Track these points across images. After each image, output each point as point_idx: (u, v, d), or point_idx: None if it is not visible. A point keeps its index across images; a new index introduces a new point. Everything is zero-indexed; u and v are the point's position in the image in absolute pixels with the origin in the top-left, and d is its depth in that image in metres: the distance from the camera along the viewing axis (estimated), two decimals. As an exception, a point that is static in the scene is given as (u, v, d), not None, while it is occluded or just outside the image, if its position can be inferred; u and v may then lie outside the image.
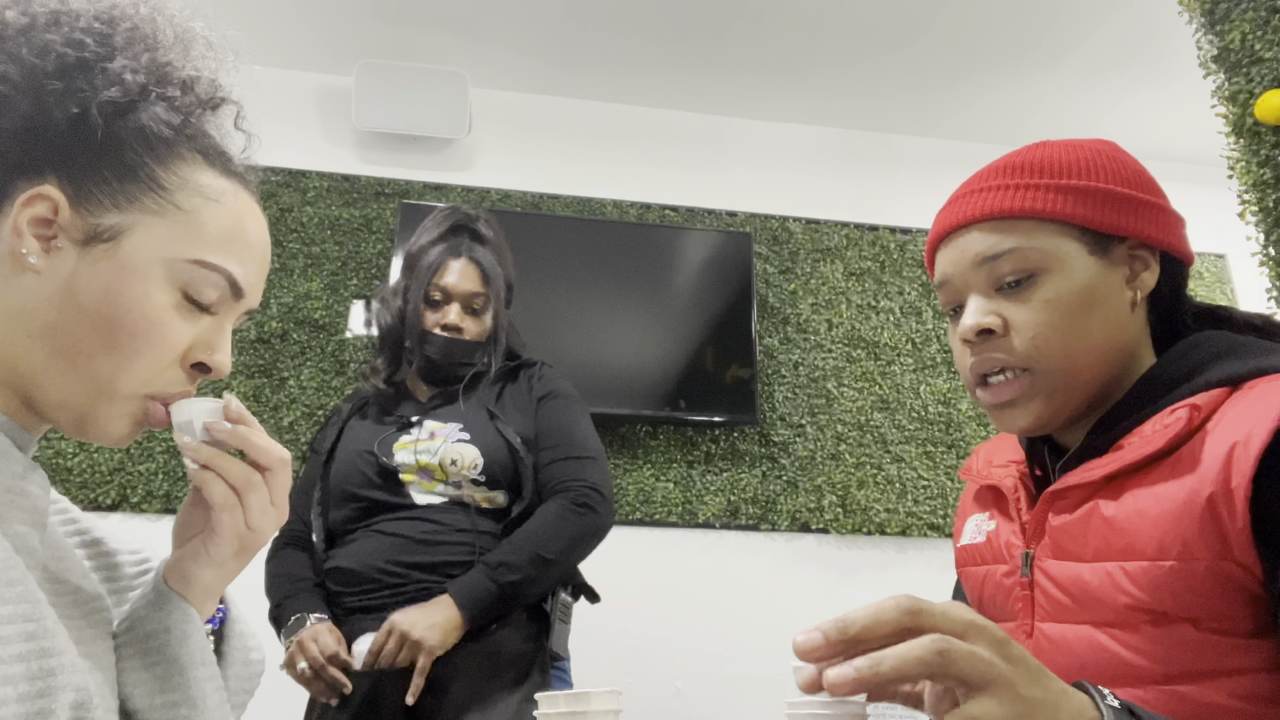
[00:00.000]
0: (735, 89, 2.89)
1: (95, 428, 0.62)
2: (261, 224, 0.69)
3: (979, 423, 2.74)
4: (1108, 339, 0.79)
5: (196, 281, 0.63)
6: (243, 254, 0.66)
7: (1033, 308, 0.78)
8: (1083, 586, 0.74)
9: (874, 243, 2.92)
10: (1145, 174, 0.83)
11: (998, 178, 0.83)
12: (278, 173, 2.64)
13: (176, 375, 0.64)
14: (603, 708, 0.87)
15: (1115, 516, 0.72)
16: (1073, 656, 0.74)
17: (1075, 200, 0.79)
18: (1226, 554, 0.65)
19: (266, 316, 2.48)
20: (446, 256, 1.54)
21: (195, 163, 0.65)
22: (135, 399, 0.62)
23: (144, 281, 0.61)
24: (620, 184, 2.84)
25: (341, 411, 1.58)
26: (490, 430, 1.46)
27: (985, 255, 0.81)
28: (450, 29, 2.63)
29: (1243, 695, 0.65)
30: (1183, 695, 0.67)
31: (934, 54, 2.72)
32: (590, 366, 2.49)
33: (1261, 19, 1.42)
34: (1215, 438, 0.68)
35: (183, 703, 0.63)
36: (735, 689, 2.31)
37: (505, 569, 1.34)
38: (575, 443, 1.48)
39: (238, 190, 0.67)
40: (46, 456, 2.24)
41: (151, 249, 0.61)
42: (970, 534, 0.92)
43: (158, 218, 0.62)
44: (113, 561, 0.71)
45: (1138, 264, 0.81)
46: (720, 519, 2.51)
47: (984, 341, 0.81)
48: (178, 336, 0.63)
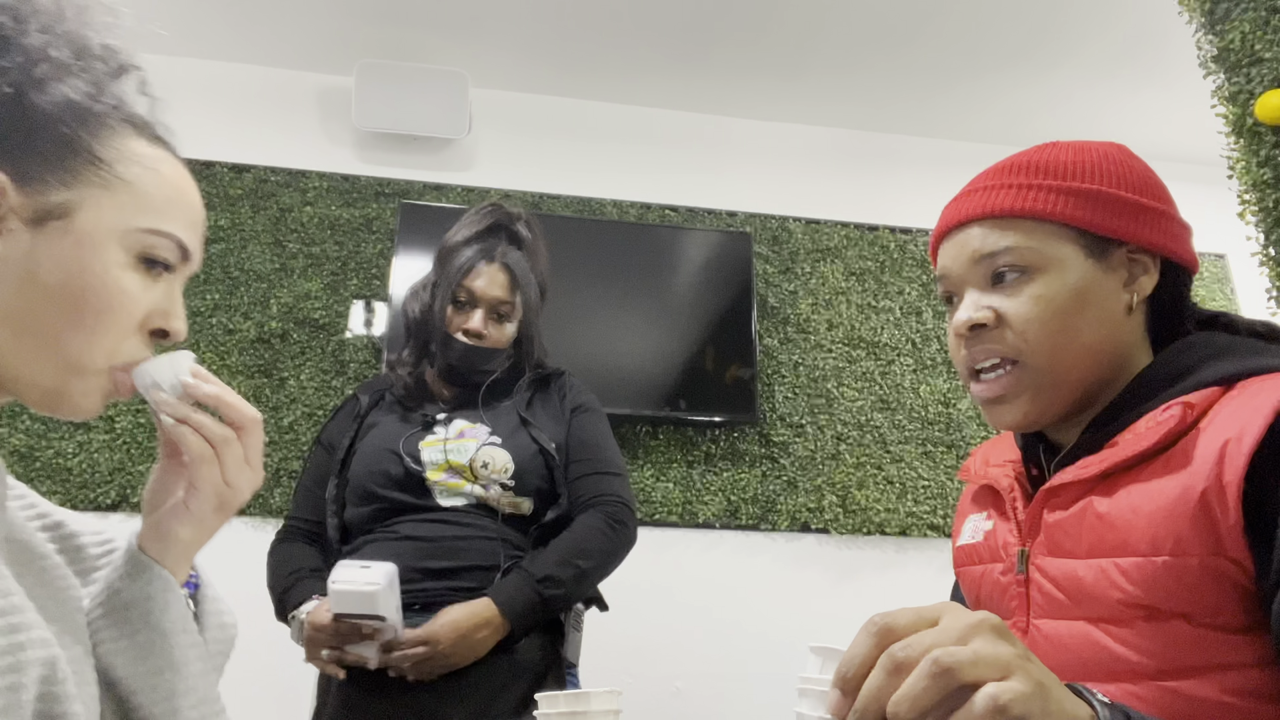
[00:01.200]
0: (735, 89, 2.89)
1: (68, 404, 0.63)
2: (193, 186, 0.70)
3: (979, 423, 2.74)
4: (1098, 340, 0.79)
5: (151, 249, 0.64)
6: (184, 218, 0.67)
7: (1023, 302, 0.80)
8: (1077, 583, 0.74)
9: (874, 243, 2.92)
10: (1153, 179, 0.84)
11: (1002, 177, 0.84)
12: (278, 173, 2.64)
13: (137, 344, 0.65)
14: (603, 708, 0.87)
15: (1109, 513, 0.73)
16: (1068, 652, 0.74)
17: (1075, 203, 0.80)
18: (1219, 549, 0.66)
19: (266, 316, 2.48)
20: (479, 259, 1.49)
21: (126, 133, 0.65)
22: (103, 373, 0.63)
23: (103, 254, 0.62)
24: (620, 184, 2.84)
25: (360, 404, 1.54)
26: (523, 436, 1.45)
27: (983, 252, 0.82)
28: (450, 29, 2.63)
29: (1235, 690, 0.66)
30: (1175, 690, 0.67)
31: (934, 54, 2.72)
32: (591, 366, 2.49)
33: (1261, 19, 1.42)
34: (1208, 435, 0.69)
35: (166, 668, 0.64)
36: (735, 689, 2.31)
37: (550, 583, 1.32)
38: (606, 459, 1.49)
39: (168, 156, 0.68)
40: (47, 457, 2.24)
41: (105, 221, 0.62)
42: (968, 534, 0.93)
43: (104, 190, 0.63)
44: (76, 544, 0.71)
45: (1136, 268, 0.81)
46: (720, 519, 2.51)
47: (977, 335, 0.83)
48: (138, 305, 0.64)
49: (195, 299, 2.46)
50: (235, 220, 2.56)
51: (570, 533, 1.39)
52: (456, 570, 1.34)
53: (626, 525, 1.44)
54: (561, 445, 1.48)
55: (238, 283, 2.50)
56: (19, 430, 2.25)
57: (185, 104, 2.78)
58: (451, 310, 1.49)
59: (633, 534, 1.45)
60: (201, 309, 2.45)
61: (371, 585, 1.18)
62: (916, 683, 0.44)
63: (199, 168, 2.58)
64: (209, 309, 2.46)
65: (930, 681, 0.44)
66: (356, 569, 1.21)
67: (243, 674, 1.65)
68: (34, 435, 2.26)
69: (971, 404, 2.75)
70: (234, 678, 0.80)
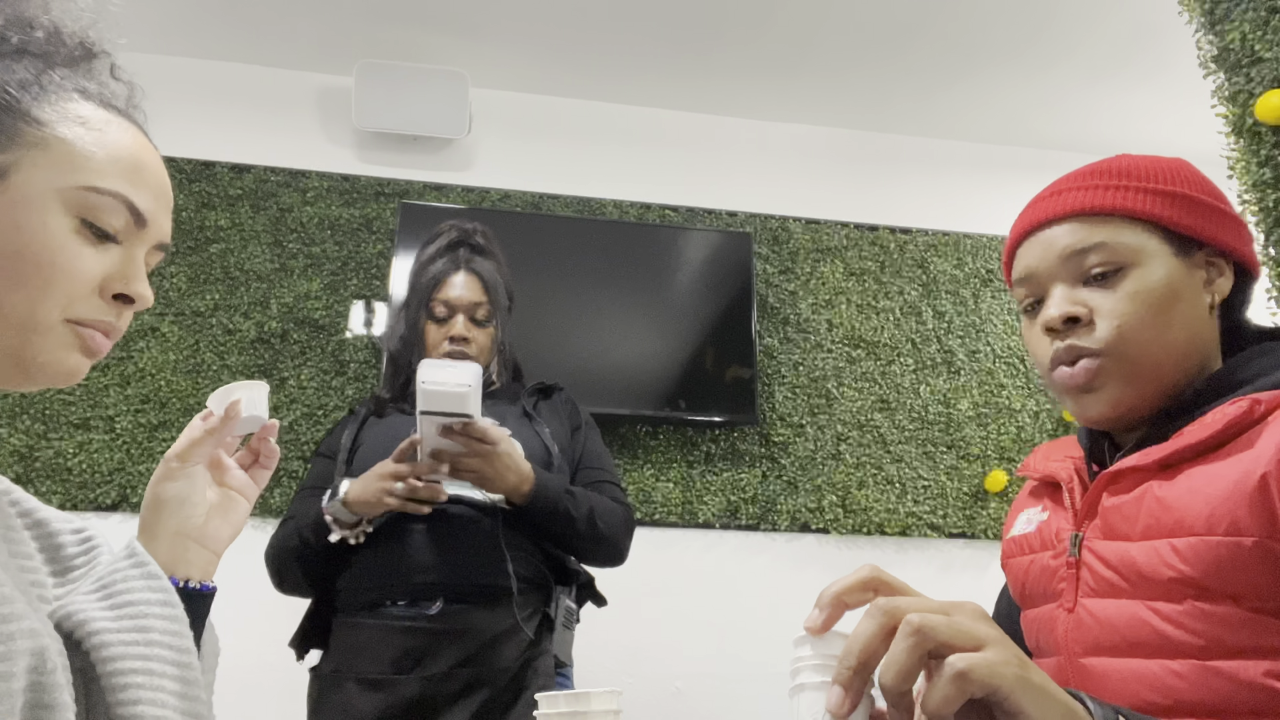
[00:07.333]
0: (735, 89, 2.89)
1: (37, 367, 0.62)
2: (156, 157, 0.69)
3: (979, 423, 2.74)
4: (1186, 337, 0.81)
5: (94, 208, 0.63)
6: (137, 181, 0.66)
7: (1119, 298, 0.81)
8: (1130, 564, 0.75)
9: (874, 243, 2.92)
10: (1219, 189, 0.86)
11: (1086, 179, 0.86)
12: (278, 173, 2.64)
13: (97, 304, 0.64)
14: (603, 708, 0.87)
15: (1167, 496, 0.74)
16: (1112, 630, 0.75)
17: (1162, 202, 0.82)
18: (1274, 534, 0.67)
19: (266, 316, 2.48)
20: (447, 270, 1.55)
21: (71, 99, 0.65)
22: (61, 327, 0.62)
23: (40, 213, 0.61)
24: (620, 184, 2.84)
25: (358, 414, 1.57)
26: (529, 430, 1.48)
27: (1074, 249, 0.83)
28: (450, 29, 2.63)
29: (1278, 674, 0.67)
30: (1218, 670, 0.68)
31: (933, 54, 2.72)
32: (590, 366, 2.49)
33: (1261, 19, 1.42)
34: (1274, 428, 0.70)
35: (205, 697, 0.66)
36: (735, 689, 2.31)
37: (572, 502, 1.39)
38: (614, 475, 1.56)
39: (124, 123, 0.67)
40: (47, 457, 2.24)
41: (41, 180, 0.61)
42: (1021, 526, 0.94)
43: (41, 150, 0.62)
44: (55, 543, 0.71)
45: (1214, 270, 0.84)
46: (720, 519, 2.51)
47: (1068, 330, 0.83)
48: (85, 264, 0.63)
49: (195, 299, 2.46)
50: (235, 220, 2.56)
51: (600, 498, 1.45)
52: (461, 560, 1.34)
53: (630, 535, 1.50)
54: (564, 450, 1.51)
55: (238, 283, 2.50)
56: (19, 430, 2.25)
57: (185, 104, 2.79)
58: (432, 327, 1.54)
59: (629, 544, 1.50)
60: (201, 309, 2.45)
61: (462, 385, 1.19)
62: (897, 646, 0.45)
63: (199, 168, 2.59)
64: (209, 309, 2.46)
65: (906, 642, 0.45)
66: (444, 369, 1.21)
67: (243, 673, 1.65)
68: (34, 435, 2.26)
69: (971, 404, 2.75)
70: (234, 677, 0.80)
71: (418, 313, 1.55)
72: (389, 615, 1.32)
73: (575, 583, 1.47)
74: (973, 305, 2.88)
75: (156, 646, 0.63)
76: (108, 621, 0.62)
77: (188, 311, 2.45)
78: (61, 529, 0.72)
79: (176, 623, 0.65)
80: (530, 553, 1.39)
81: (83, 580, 0.68)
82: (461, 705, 1.27)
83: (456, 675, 1.28)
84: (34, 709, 0.54)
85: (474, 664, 1.29)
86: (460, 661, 1.29)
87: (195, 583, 0.72)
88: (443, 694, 1.27)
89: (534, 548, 1.40)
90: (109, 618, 0.63)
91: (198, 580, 0.72)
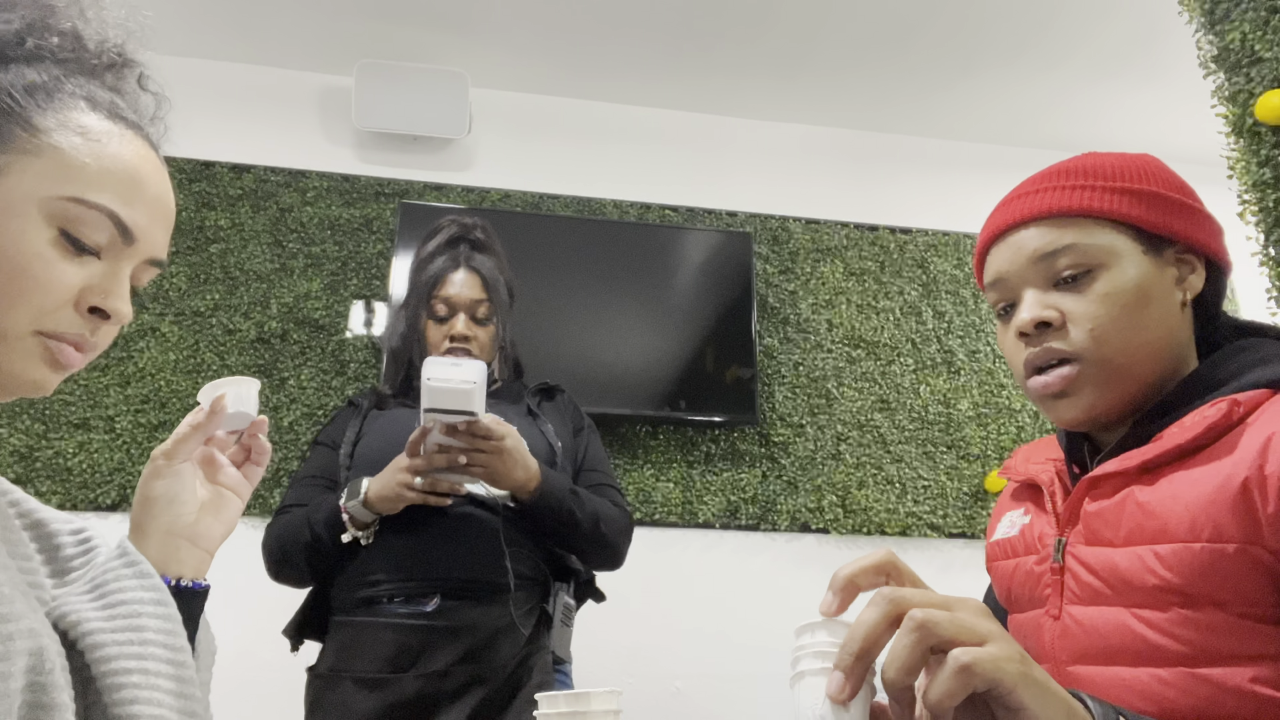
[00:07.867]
0: (735, 89, 2.89)
1: (3, 376, 0.62)
2: (159, 172, 0.68)
3: (979, 423, 2.74)
4: (1160, 336, 0.80)
5: (75, 220, 0.62)
6: (131, 196, 0.64)
7: (1090, 300, 0.80)
8: (1114, 570, 0.75)
9: (874, 243, 2.92)
10: (1187, 185, 0.86)
11: (1052, 180, 0.85)
12: (278, 173, 2.64)
13: (70, 317, 0.63)
14: (603, 708, 0.87)
15: (1149, 501, 0.74)
16: (1099, 638, 0.75)
17: (1130, 201, 0.82)
18: (1257, 539, 0.67)
19: (266, 316, 2.48)
20: (447, 268, 1.54)
21: (77, 107, 0.64)
22: (30, 339, 0.61)
23: (19, 220, 0.60)
24: (620, 184, 2.84)
25: (360, 406, 1.56)
26: (532, 427, 1.48)
27: (1043, 251, 0.83)
28: (450, 29, 2.63)
29: (1265, 681, 0.66)
30: (1205, 677, 0.68)
31: (933, 54, 2.72)
32: (590, 366, 2.49)
33: (1261, 19, 1.42)
34: (1254, 430, 0.70)
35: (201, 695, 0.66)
36: (735, 689, 2.31)
37: (576, 502, 1.38)
38: (611, 477, 1.57)
39: (128, 134, 0.66)
40: (47, 457, 2.24)
41: (26, 187, 0.60)
42: (1004, 529, 0.94)
43: (33, 157, 0.61)
44: (54, 544, 0.71)
45: (1185, 267, 0.83)
46: (720, 519, 2.51)
47: (1040, 334, 0.83)
48: (61, 276, 0.62)
49: (195, 299, 2.46)
50: (235, 220, 2.56)
51: (603, 501, 1.45)
52: (459, 556, 1.33)
53: (629, 540, 1.49)
54: (566, 449, 1.51)
55: (238, 283, 2.50)
56: (19, 430, 2.25)
57: (185, 104, 2.80)
58: (433, 326, 1.53)
59: (627, 553, 1.50)
60: (201, 309, 2.45)
61: (467, 383, 1.19)
62: (900, 642, 0.45)
63: (199, 168, 2.59)
64: (209, 309, 2.46)
65: (909, 638, 0.45)
66: (448, 366, 1.21)
67: (240, 672, 1.65)
68: (34, 435, 2.26)
69: (972, 404, 2.75)
70: (231, 676, 0.80)
71: (418, 310, 1.54)
72: (386, 613, 1.32)
73: (575, 579, 1.47)
74: (973, 305, 2.88)
75: (151, 646, 0.63)
76: (101, 621, 0.62)
77: (188, 311, 2.45)
78: (60, 530, 0.72)
79: (170, 621, 0.65)
80: (530, 550, 1.39)
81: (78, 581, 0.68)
82: (460, 703, 1.26)
83: (455, 673, 1.28)
84: (33, 709, 0.54)
85: (472, 661, 1.29)
86: (458, 659, 1.28)
87: (187, 581, 0.71)
88: (441, 692, 1.27)
89: (534, 545, 1.40)
90: (102, 618, 0.62)
91: (190, 579, 0.72)
